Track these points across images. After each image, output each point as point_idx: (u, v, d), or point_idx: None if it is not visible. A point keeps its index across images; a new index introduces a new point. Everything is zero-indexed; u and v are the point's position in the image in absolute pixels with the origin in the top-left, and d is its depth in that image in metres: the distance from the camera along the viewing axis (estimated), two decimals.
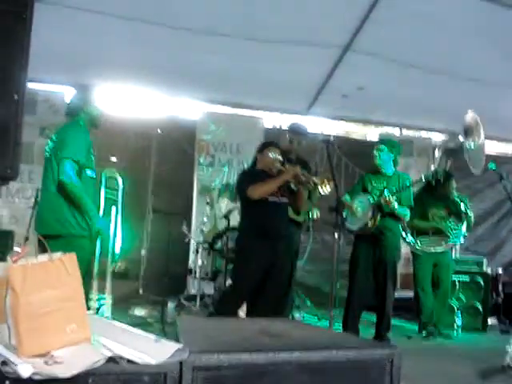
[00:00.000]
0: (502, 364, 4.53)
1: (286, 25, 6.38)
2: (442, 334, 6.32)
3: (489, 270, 7.12)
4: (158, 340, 2.08)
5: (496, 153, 9.58)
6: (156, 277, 7.02)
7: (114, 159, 5.48)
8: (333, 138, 5.12)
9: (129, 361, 1.83)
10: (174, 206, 7.14)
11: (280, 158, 4.71)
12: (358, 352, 2.24)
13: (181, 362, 1.93)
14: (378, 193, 5.48)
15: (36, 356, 1.83)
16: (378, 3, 6.30)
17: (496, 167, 5.40)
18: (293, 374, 2.13)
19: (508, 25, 6.13)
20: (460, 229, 6.42)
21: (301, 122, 6.13)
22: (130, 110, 7.60)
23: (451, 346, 5.93)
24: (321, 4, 6.12)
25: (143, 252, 6.99)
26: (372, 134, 9.47)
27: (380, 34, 6.58)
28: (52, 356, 1.86)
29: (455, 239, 6.45)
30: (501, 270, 7.68)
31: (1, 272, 2.01)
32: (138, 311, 6.35)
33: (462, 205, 6.40)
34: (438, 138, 8.93)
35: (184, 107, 8.19)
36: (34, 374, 1.68)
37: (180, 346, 2.00)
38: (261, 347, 2.21)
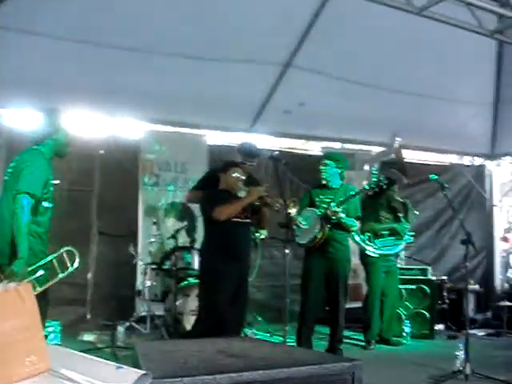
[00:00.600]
0: (452, 369, 4.65)
1: (226, 43, 6.44)
2: (392, 342, 6.43)
3: (433, 277, 7.31)
4: (120, 367, 2.04)
5: (434, 162, 9.91)
6: (104, 300, 6.88)
7: (56, 182, 5.35)
8: (277, 153, 5.17)
9: None
10: (120, 227, 7.00)
11: (243, 177, 4.75)
12: (320, 367, 2.26)
13: None
14: (325, 206, 5.55)
15: None
16: (316, 21, 6.47)
17: (437, 177, 5.58)
18: None
19: (441, 39, 6.39)
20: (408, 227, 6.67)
21: (250, 142, 6.12)
22: (70, 131, 7.42)
23: (402, 354, 6.05)
24: (261, 23, 6.22)
25: (89, 276, 6.82)
26: (314, 148, 9.58)
27: (319, 50, 6.75)
28: None
29: (409, 238, 6.67)
30: (445, 276, 7.90)
31: None
32: (87, 336, 6.20)
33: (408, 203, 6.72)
34: (378, 151, 9.11)
35: (125, 127, 8.06)
36: None
37: (142, 372, 1.97)
38: (223, 368, 2.20)
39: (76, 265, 3.67)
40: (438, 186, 5.73)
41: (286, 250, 4.40)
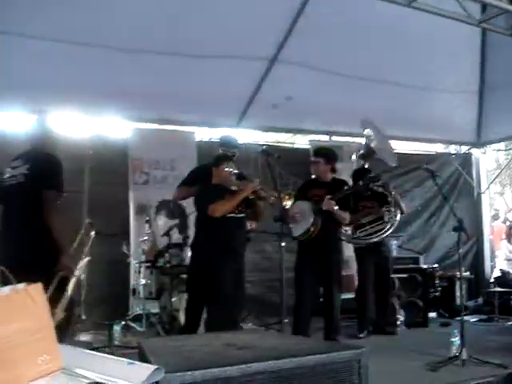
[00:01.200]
0: (448, 355, 4.71)
1: (212, 39, 6.44)
2: (387, 331, 6.49)
3: (425, 266, 7.38)
4: (131, 363, 2.06)
5: (422, 151, 9.99)
6: (98, 300, 6.87)
7: None
8: (265, 147, 5.20)
9: None
10: (112, 227, 6.98)
11: (236, 171, 4.76)
12: (327, 356, 2.29)
13: (157, 382, 1.93)
14: (317, 199, 5.58)
15: None
16: (301, 15, 6.49)
17: (427, 166, 5.62)
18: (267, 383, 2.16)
19: (426, 29, 6.43)
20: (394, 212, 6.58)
21: (230, 134, 6.16)
22: (58, 132, 7.40)
23: (397, 343, 6.10)
24: (246, 18, 6.23)
25: (83, 276, 6.80)
26: (301, 141, 9.62)
27: (305, 44, 6.77)
28: None
29: (392, 222, 6.55)
30: (436, 265, 7.97)
31: None
32: (84, 337, 6.19)
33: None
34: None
35: (112, 126, 8.05)
36: None
37: (154, 367, 1.99)
38: (232, 360, 2.22)
39: None
40: (426, 175, 5.76)
41: (281, 244, 4.43)
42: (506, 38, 5.94)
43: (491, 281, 8.99)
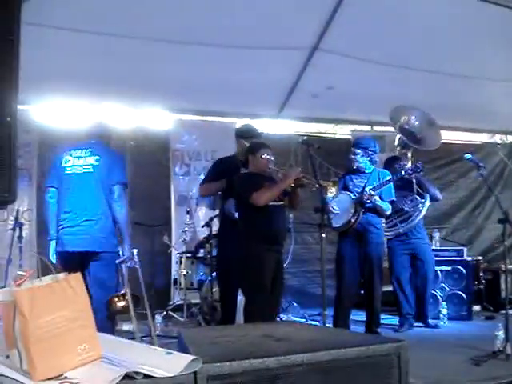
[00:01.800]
0: (492, 350, 4.61)
1: (252, 29, 6.38)
2: (429, 324, 6.39)
3: (469, 258, 7.22)
4: (170, 353, 2.07)
5: (466, 141, 9.77)
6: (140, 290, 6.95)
7: None
8: (305, 137, 5.16)
9: (145, 376, 1.83)
10: (154, 217, 7.10)
11: (273, 158, 4.74)
12: (366, 348, 2.27)
13: (195, 372, 1.93)
14: (359, 190, 5.54)
15: (50, 379, 1.81)
16: (343, 3, 6.38)
17: (471, 157, 5.47)
18: (305, 376, 2.15)
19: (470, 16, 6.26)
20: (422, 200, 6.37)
21: (246, 124, 6.21)
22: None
23: (440, 336, 5.99)
24: (286, 7, 6.16)
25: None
26: (343, 132, 9.54)
27: (346, 33, 6.64)
28: (66, 377, 1.84)
29: (416, 210, 6.33)
30: (480, 257, 7.81)
31: (2, 297, 1.98)
32: (126, 326, 6.27)
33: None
34: None
35: (153, 118, 8.12)
36: None
37: (192, 357, 2.00)
38: (270, 352, 2.22)
39: None
40: (471, 165, 5.60)
41: (322, 235, 4.38)
42: None
43: None
